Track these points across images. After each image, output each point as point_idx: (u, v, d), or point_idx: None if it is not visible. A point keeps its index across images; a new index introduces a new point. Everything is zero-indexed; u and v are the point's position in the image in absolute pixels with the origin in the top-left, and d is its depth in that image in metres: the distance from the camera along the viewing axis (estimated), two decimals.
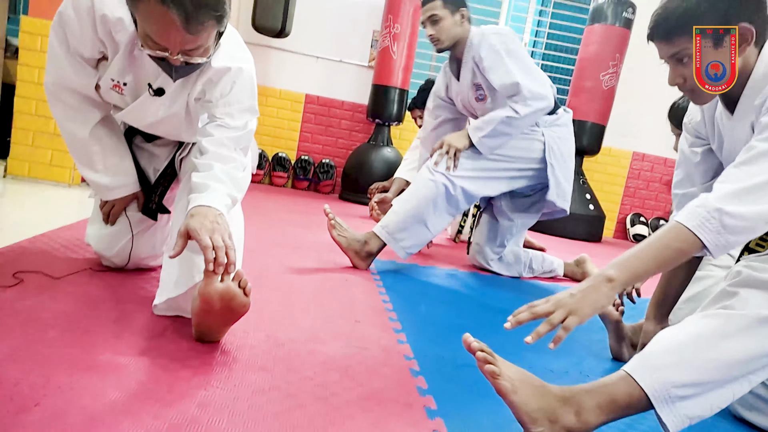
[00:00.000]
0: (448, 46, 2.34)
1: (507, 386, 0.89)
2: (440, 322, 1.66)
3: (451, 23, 2.29)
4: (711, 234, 0.95)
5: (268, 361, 1.14)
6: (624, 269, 0.97)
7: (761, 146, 0.98)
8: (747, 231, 0.95)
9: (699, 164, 1.31)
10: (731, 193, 0.97)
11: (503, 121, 2.20)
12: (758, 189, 0.96)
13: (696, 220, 0.96)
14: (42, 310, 1.21)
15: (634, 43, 4.69)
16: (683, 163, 1.35)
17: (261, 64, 5.05)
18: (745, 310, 0.94)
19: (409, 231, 2.23)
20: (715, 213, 0.95)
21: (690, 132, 1.32)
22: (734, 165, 1.01)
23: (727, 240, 0.95)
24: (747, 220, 0.94)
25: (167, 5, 1.05)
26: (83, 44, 1.29)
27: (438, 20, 2.28)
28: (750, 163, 0.98)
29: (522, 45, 2.27)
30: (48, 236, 1.86)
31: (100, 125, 1.46)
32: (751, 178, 0.96)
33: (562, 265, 2.70)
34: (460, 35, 2.32)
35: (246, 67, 1.35)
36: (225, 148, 1.31)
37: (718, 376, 0.90)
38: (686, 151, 1.34)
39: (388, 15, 4.72)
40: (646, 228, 5.62)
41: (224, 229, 1.14)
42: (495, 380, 0.89)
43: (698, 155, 1.30)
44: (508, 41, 2.24)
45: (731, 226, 0.94)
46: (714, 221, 0.95)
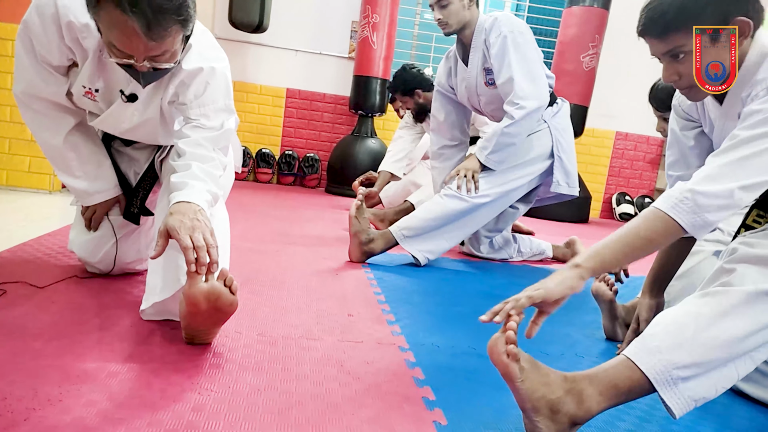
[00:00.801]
0: (456, 29, 2.31)
1: (517, 372, 0.88)
2: (434, 312, 1.65)
3: (459, 7, 2.27)
4: (686, 214, 0.95)
5: (262, 361, 1.13)
6: (592, 258, 0.97)
7: (743, 134, 0.98)
8: (723, 208, 0.95)
9: (693, 148, 1.30)
10: (706, 175, 0.97)
11: (503, 132, 2.20)
12: (732, 166, 0.96)
13: (670, 202, 0.97)
14: (27, 321, 1.18)
15: (612, 23, 4.69)
16: (675, 144, 1.34)
17: (240, 60, 4.99)
18: (743, 286, 0.93)
19: (426, 238, 2.25)
20: (687, 193, 0.96)
21: (680, 115, 1.31)
22: (714, 153, 1.01)
23: (704, 219, 0.95)
24: (720, 197, 0.94)
25: (127, 13, 1.02)
26: (50, 52, 1.26)
27: (447, 4, 2.26)
28: (730, 150, 0.98)
29: (531, 38, 2.24)
30: (30, 245, 1.82)
31: (74, 131, 1.43)
32: (726, 159, 0.97)
33: (551, 247, 2.71)
34: (468, 19, 2.30)
35: (219, 66, 1.32)
36: (202, 149, 1.28)
37: (720, 355, 0.89)
38: (678, 134, 1.33)
39: (366, 5, 4.68)
40: (632, 206, 5.66)
41: (205, 226, 1.12)
42: (510, 363, 0.87)
43: (691, 139, 1.29)
44: (517, 33, 2.21)
45: (705, 205, 0.95)
46: (688, 201, 0.95)
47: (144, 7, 1.02)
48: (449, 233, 2.29)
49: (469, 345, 1.37)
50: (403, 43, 5.33)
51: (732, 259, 1.00)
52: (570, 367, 1.30)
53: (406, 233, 2.24)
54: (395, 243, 2.24)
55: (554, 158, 2.38)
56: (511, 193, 2.36)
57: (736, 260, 0.99)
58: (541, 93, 2.21)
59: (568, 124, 2.48)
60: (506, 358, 0.88)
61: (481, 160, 2.25)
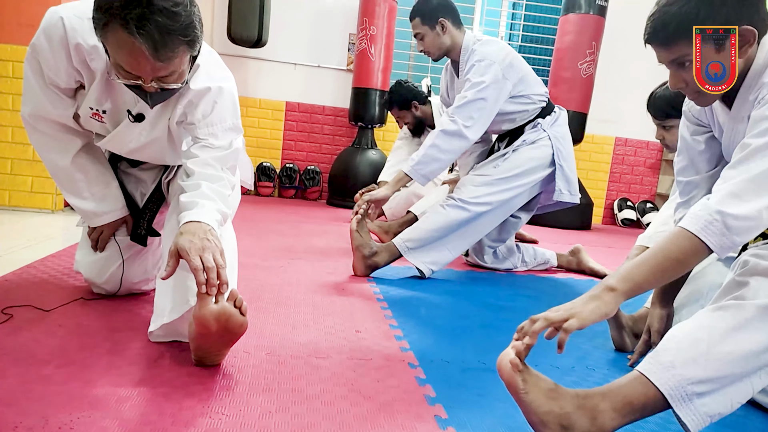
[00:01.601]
0: (440, 56, 2.41)
1: (520, 383, 0.87)
2: (441, 325, 1.65)
3: (432, 37, 2.36)
4: (715, 236, 0.94)
5: (272, 382, 1.12)
6: (626, 280, 0.96)
7: (755, 142, 0.98)
8: (751, 229, 0.94)
9: (703, 152, 1.30)
10: (730, 193, 0.96)
11: (432, 144, 2.23)
12: (756, 183, 0.95)
13: (699, 224, 0.95)
14: (35, 346, 1.18)
15: (609, 30, 4.72)
16: (685, 150, 1.34)
17: (239, 74, 5.01)
18: (756, 299, 0.93)
19: (430, 249, 2.25)
20: (717, 215, 0.94)
21: (690, 120, 1.31)
22: (730, 165, 1.00)
23: (732, 241, 0.94)
24: (750, 219, 0.94)
25: (134, 35, 1.03)
26: (58, 75, 1.26)
27: (422, 37, 2.37)
28: (745, 161, 0.97)
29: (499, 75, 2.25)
30: (35, 267, 1.81)
31: (82, 153, 1.43)
32: (748, 174, 0.96)
33: (555, 255, 2.71)
34: (448, 43, 2.37)
35: (226, 86, 1.33)
36: (211, 168, 1.28)
37: (736, 370, 0.88)
38: (688, 139, 1.33)
39: (363, 18, 4.71)
40: (634, 212, 5.66)
41: (215, 246, 1.12)
42: (513, 374, 0.87)
43: (701, 143, 1.29)
44: (486, 70, 2.24)
45: (735, 227, 0.93)
46: (717, 223, 0.94)
47: (151, 28, 1.02)
48: (452, 243, 2.29)
49: (479, 359, 1.36)
50: (400, 54, 5.36)
51: (744, 272, 1.00)
52: (581, 380, 1.30)
53: (409, 245, 2.23)
54: (399, 255, 2.23)
55: (555, 166, 2.38)
56: (512, 201, 2.36)
57: (748, 273, 0.99)
58: (468, 135, 2.22)
59: (567, 131, 2.50)
60: (509, 369, 0.87)
61: (405, 170, 2.25)
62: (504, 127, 2.45)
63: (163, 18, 1.03)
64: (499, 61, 2.26)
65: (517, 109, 2.38)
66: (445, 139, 2.22)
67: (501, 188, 2.31)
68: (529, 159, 2.35)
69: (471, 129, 2.23)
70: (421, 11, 2.33)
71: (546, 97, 2.45)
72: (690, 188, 1.35)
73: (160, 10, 1.03)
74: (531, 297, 2.17)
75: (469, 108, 2.23)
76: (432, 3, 2.35)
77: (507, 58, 2.29)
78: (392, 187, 2.24)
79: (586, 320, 0.91)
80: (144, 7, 1.02)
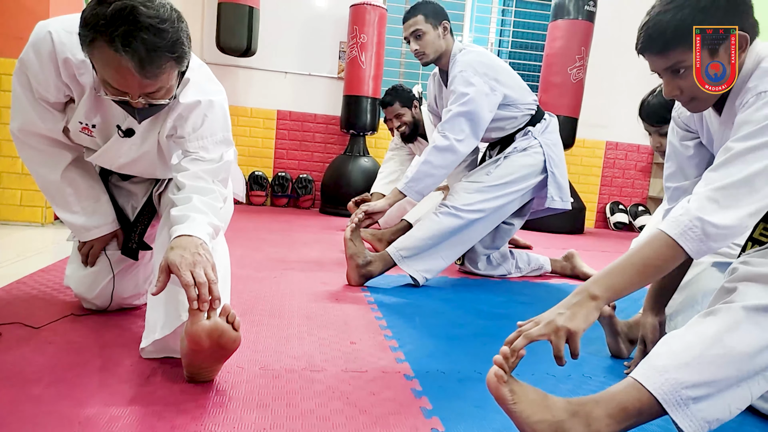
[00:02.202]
0: (433, 59, 2.38)
1: (507, 395, 0.87)
2: (437, 335, 1.64)
3: (434, 37, 2.33)
4: (693, 242, 0.96)
5: (266, 397, 1.11)
6: (607, 288, 0.97)
7: (737, 147, 0.99)
8: (728, 237, 0.96)
9: (692, 158, 1.31)
10: (711, 198, 0.97)
11: (425, 161, 2.23)
12: (735, 189, 0.96)
13: (679, 229, 0.97)
14: (25, 365, 1.16)
15: (598, 35, 4.75)
16: (674, 155, 1.35)
17: (229, 83, 5.00)
18: (744, 302, 0.93)
19: (423, 257, 2.25)
20: (697, 222, 0.96)
21: (680, 125, 1.32)
22: (712, 168, 1.01)
23: (709, 246, 0.96)
24: (729, 228, 0.95)
25: (119, 52, 1.02)
26: (47, 89, 1.25)
27: (421, 35, 2.33)
28: (727, 165, 0.99)
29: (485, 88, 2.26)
30: (24, 282, 1.79)
31: (72, 167, 1.42)
32: (729, 179, 0.97)
33: (549, 260, 2.71)
34: (444, 48, 2.37)
35: (216, 99, 1.32)
36: (202, 181, 1.27)
37: (731, 373, 0.88)
38: (677, 145, 1.34)
39: (354, 25, 4.72)
40: (626, 215, 5.68)
41: (206, 260, 1.10)
42: (498, 386, 0.87)
43: (690, 149, 1.30)
44: (469, 82, 2.24)
45: (713, 235, 0.95)
46: (696, 230, 0.96)
47: (137, 45, 1.02)
48: (445, 251, 2.29)
49: (475, 369, 1.36)
50: (391, 62, 5.37)
51: (733, 278, 1.00)
52: (578, 388, 1.30)
53: (403, 254, 2.23)
54: (393, 264, 2.23)
55: (547, 173, 2.39)
56: (504, 208, 2.36)
57: (736, 279, 1.00)
58: (459, 149, 2.23)
59: (558, 138, 2.51)
60: (495, 381, 0.87)
61: (399, 188, 2.25)
62: (493, 135, 2.46)
63: (149, 35, 1.02)
64: (481, 73, 2.26)
65: (506, 116, 2.39)
66: (438, 155, 2.23)
67: (493, 195, 2.31)
68: (521, 166, 2.36)
69: (463, 142, 2.24)
70: (424, 9, 2.32)
71: (535, 105, 2.46)
72: (678, 194, 1.35)
73: (147, 27, 1.02)
74: (525, 303, 2.16)
75: (457, 121, 2.23)
76: (436, 5, 2.36)
77: (491, 70, 2.29)
78: (390, 201, 2.25)
79: (582, 331, 0.93)
80: (130, 24, 1.01)
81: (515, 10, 5.79)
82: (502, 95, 2.31)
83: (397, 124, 3.30)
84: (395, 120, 3.30)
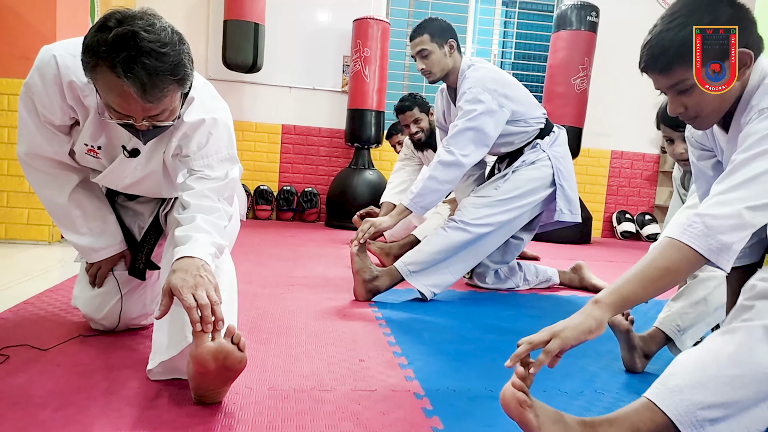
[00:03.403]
0: (440, 77, 2.38)
1: (533, 421, 0.85)
2: (446, 351, 1.62)
3: (440, 56, 2.32)
4: (699, 238, 0.94)
5: (275, 419, 1.09)
6: (612, 293, 0.96)
7: (739, 157, 0.99)
8: (735, 228, 0.94)
9: (713, 178, 1.29)
10: (711, 199, 0.97)
11: (430, 176, 2.23)
12: (736, 188, 0.96)
13: (679, 229, 0.96)
14: (32, 388, 1.15)
15: (600, 45, 4.76)
16: (699, 176, 1.33)
17: (235, 99, 5.03)
18: (763, 320, 0.91)
19: (432, 272, 2.24)
20: (695, 218, 0.95)
21: (694, 145, 1.31)
22: (718, 181, 1.01)
23: (719, 241, 0.93)
24: (730, 217, 0.93)
25: (121, 78, 1.02)
26: (53, 112, 1.25)
27: (427, 54, 2.32)
28: (730, 174, 0.99)
29: (493, 105, 2.24)
30: (32, 303, 1.79)
31: (78, 188, 1.42)
32: (732, 183, 0.97)
33: (557, 273, 2.69)
34: (451, 66, 2.36)
35: (221, 116, 1.32)
36: (208, 200, 1.27)
37: (748, 394, 0.86)
38: (698, 164, 1.32)
39: (357, 40, 4.74)
40: (633, 224, 5.65)
41: (208, 282, 1.10)
42: (523, 410, 0.85)
43: (709, 169, 1.29)
44: (477, 98, 2.23)
45: (715, 226, 0.93)
46: (697, 225, 0.94)
47: (138, 71, 1.02)
48: (454, 266, 2.28)
49: (485, 387, 1.34)
50: (394, 75, 5.39)
51: (752, 296, 0.98)
52: (590, 405, 1.28)
53: (411, 268, 2.22)
54: (401, 279, 2.21)
55: (556, 186, 2.37)
56: (513, 222, 2.35)
57: (755, 297, 0.97)
58: (464, 162, 2.22)
59: (567, 151, 2.49)
60: (519, 406, 0.86)
61: (405, 204, 2.25)
62: (502, 150, 2.46)
63: (150, 60, 1.02)
64: (490, 89, 2.25)
65: (514, 132, 2.38)
66: (443, 170, 2.22)
67: (502, 209, 2.30)
68: (529, 180, 2.35)
69: (468, 157, 2.23)
70: (430, 28, 2.31)
71: (544, 119, 2.45)
72: None
73: (148, 52, 1.02)
74: (534, 317, 2.14)
75: (463, 137, 2.23)
76: (442, 22, 2.36)
77: (500, 86, 2.28)
78: (396, 218, 2.24)
79: (568, 339, 0.91)
80: (131, 50, 1.01)
81: (517, 21, 5.82)
82: (510, 111, 2.30)
83: (414, 130, 3.25)
84: (413, 125, 3.25)
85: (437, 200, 2.27)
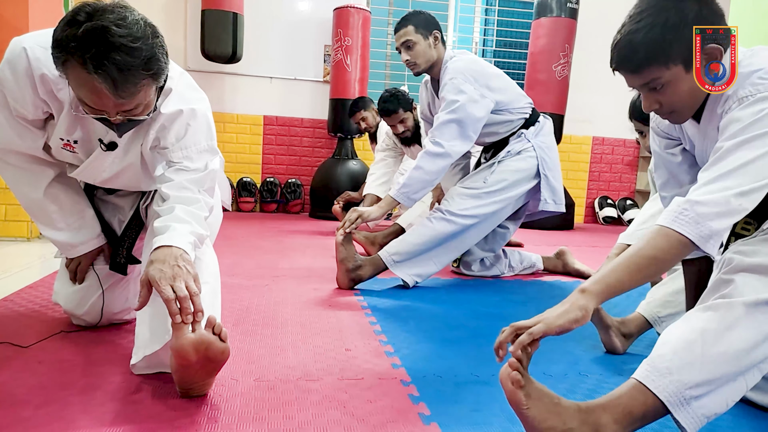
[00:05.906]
0: (425, 69, 2.38)
1: (522, 400, 0.86)
2: (432, 337, 1.63)
3: (425, 47, 2.32)
4: (689, 225, 0.95)
5: (261, 409, 1.09)
6: (598, 281, 0.96)
7: (726, 144, 1.00)
8: (724, 215, 0.95)
9: (681, 164, 1.31)
10: (700, 185, 0.99)
11: (416, 166, 2.24)
12: (724, 175, 0.97)
13: (670, 217, 0.97)
14: (14, 386, 1.13)
15: (581, 31, 4.77)
16: (662, 164, 1.35)
17: (215, 90, 4.97)
18: (743, 297, 0.93)
19: (416, 262, 2.25)
20: (685, 204, 0.96)
21: (660, 134, 1.32)
22: (704, 168, 1.03)
23: (709, 228, 0.95)
24: (718, 204, 0.95)
25: (92, 73, 0.99)
26: (25, 106, 1.22)
27: (412, 45, 2.32)
28: (718, 161, 1.00)
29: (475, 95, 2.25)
30: (12, 300, 1.76)
31: (54, 183, 1.39)
32: (720, 171, 0.98)
33: (541, 259, 2.71)
34: (435, 57, 2.36)
35: (199, 107, 1.30)
36: (187, 191, 1.25)
37: (730, 369, 0.89)
38: (662, 154, 1.34)
39: (338, 29, 4.71)
40: (615, 210, 5.72)
41: (187, 272, 1.09)
42: (515, 390, 0.86)
43: (677, 155, 1.30)
44: (459, 89, 2.24)
45: (705, 213, 0.95)
46: (687, 212, 0.96)
47: (109, 67, 0.99)
48: (438, 257, 2.30)
49: (472, 372, 1.35)
50: (376, 64, 5.36)
51: (730, 269, 1.00)
52: (575, 387, 1.29)
53: (396, 258, 2.22)
54: (384, 268, 2.22)
55: (540, 177, 2.38)
56: (498, 213, 2.37)
57: (733, 270, 0.99)
58: (449, 152, 2.23)
59: (552, 141, 2.51)
60: (511, 385, 0.86)
61: (392, 195, 2.25)
62: (487, 140, 2.46)
63: (121, 55, 1.00)
64: (472, 80, 2.25)
65: (499, 121, 2.38)
66: (429, 161, 2.22)
67: (488, 201, 2.31)
68: (515, 171, 2.36)
69: (454, 148, 2.24)
70: (415, 20, 2.32)
71: (530, 108, 2.45)
72: None
73: (119, 47, 0.99)
74: (519, 302, 2.16)
75: (447, 128, 2.23)
76: (427, 14, 2.36)
77: (481, 77, 2.28)
78: (384, 209, 2.25)
79: (552, 324, 0.91)
80: (101, 45, 0.98)
81: (498, 9, 5.81)
82: (493, 101, 2.30)
83: (401, 130, 3.28)
84: (399, 126, 3.27)
85: (425, 192, 2.27)
